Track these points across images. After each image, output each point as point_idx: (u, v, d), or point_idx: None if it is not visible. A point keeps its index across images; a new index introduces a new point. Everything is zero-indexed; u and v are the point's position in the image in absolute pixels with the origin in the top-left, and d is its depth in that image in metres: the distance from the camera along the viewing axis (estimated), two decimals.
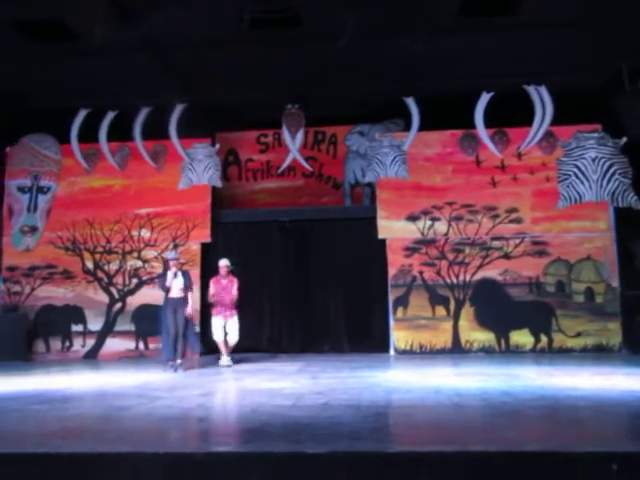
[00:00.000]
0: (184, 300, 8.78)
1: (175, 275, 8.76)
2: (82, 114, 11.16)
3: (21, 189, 11.68)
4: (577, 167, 10.62)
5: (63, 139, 11.46)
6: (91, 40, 8.97)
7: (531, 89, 10.21)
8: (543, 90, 10.20)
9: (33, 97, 11.36)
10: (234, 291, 9.24)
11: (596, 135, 10.63)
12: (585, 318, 10.31)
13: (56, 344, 11.12)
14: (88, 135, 11.19)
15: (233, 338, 9.19)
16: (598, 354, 9.90)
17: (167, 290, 8.74)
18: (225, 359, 9.13)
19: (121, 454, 3.60)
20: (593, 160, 10.57)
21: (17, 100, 11.27)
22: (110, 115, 11.13)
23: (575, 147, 10.66)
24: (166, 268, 9.19)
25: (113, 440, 3.98)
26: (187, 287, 8.86)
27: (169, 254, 9.27)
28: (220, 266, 9.39)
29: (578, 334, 10.25)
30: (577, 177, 10.60)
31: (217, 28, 9.35)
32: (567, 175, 10.66)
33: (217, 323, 9.20)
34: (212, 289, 9.32)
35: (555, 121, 10.35)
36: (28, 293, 11.29)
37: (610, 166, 10.52)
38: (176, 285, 8.78)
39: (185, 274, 8.99)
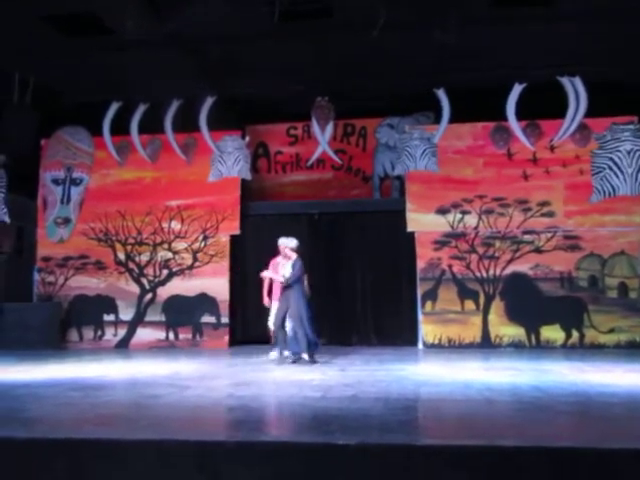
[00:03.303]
0: (294, 289, 8.11)
1: (283, 265, 8.26)
2: (114, 107, 11.28)
3: (55, 181, 11.89)
4: (612, 160, 10.41)
5: (96, 132, 11.62)
6: (123, 34, 9.08)
7: (565, 80, 10.00)
8: (577, 81, 9.98)
9: (67, 91, 11.56)
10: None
11: (632, 127, 10.41)
12: (618, 314, 10.12)
13: (89, 333, 11.33)
14: (120, 128, 11.31)
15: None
16: (631, 350, 9.71)
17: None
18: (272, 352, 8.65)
19: (153, 441, 3.66)
20: (628, 153, 10.36)
21: (52, 94, 11.47)
22: (141, 108, 11.24)
23: (610, 139, 10.45)
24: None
25: (145, 427, 4.04)
26: (295, 276, 8.16)
27: (289, 241, 8.49)
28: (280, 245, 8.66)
29: (611, 330, 10.08)
30: (611, 170, 10.39)
31: (247, 21, 9.37)
32: (601, 168, 10.46)
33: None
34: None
35: (589, 113, 10.12)
36: (62, 283, 11.52)
37: None
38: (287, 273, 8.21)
39: (294, 263, 8.23)
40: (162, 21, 9.19)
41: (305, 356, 8.02)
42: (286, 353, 8.18)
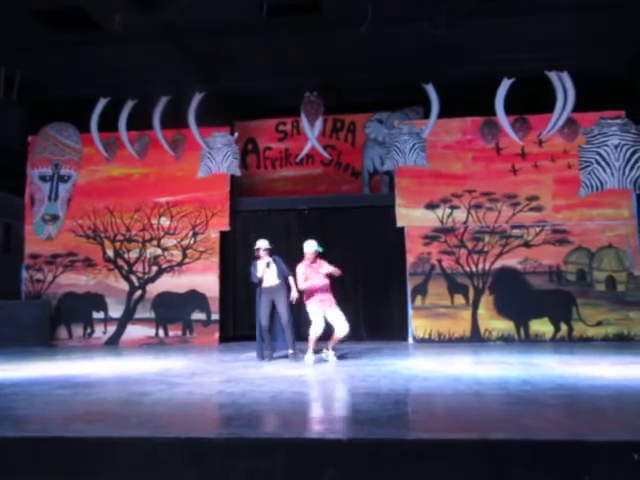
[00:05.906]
0: (283, 286, 8.02)
1: (268, 265, 8.03)
2: (102, 103, 11.24)
3: (43, 178, 11.81)
4: (599, 154, 10.47)
5: (83, 128, 11.55)
6: (111, 29, 9.03)
7: (553, 75, 10.05)
8: (565, 76, 10.04)
9: (54, 86, 11.47)
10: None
11: (619, 121, 10.47)
12: (606, 307, 10.21)
13: (78, 331, 11.28)
14: (108, 124, 11.27)
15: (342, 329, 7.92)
16: (619, 343, 9.80)
17: (260, 281, 8.07)
18: (328, 353, 8.03)
19: (143, 438, 3.65)
20: (616, 147, 10.42)
21: (38, 89, 11.38)
22: (130, 104, 11.19)
23: (597, 134, 10.51)
24: (255, 258, 8.21)
25: (135, 424, 4.03)
26: (285, 273, 8.07)
27: (262, 243, 8.19)
28: (305, 252, 7.89)
29: (599, 323, 10.16)
30: (599, 164, 10.46)
31: (236, 15, 9.34)
32: (589, 162, 10.53)
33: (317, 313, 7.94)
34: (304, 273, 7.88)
35: (577, 107, 10.20)
36: (50, 281, 11.45)
37: (633, 153, 10.36)
38: (269, 274, 8.06)
39: (277, 261, 8.16)
40: (150, 15, 9.13)
41: (292, 351, 8.03)
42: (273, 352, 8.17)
